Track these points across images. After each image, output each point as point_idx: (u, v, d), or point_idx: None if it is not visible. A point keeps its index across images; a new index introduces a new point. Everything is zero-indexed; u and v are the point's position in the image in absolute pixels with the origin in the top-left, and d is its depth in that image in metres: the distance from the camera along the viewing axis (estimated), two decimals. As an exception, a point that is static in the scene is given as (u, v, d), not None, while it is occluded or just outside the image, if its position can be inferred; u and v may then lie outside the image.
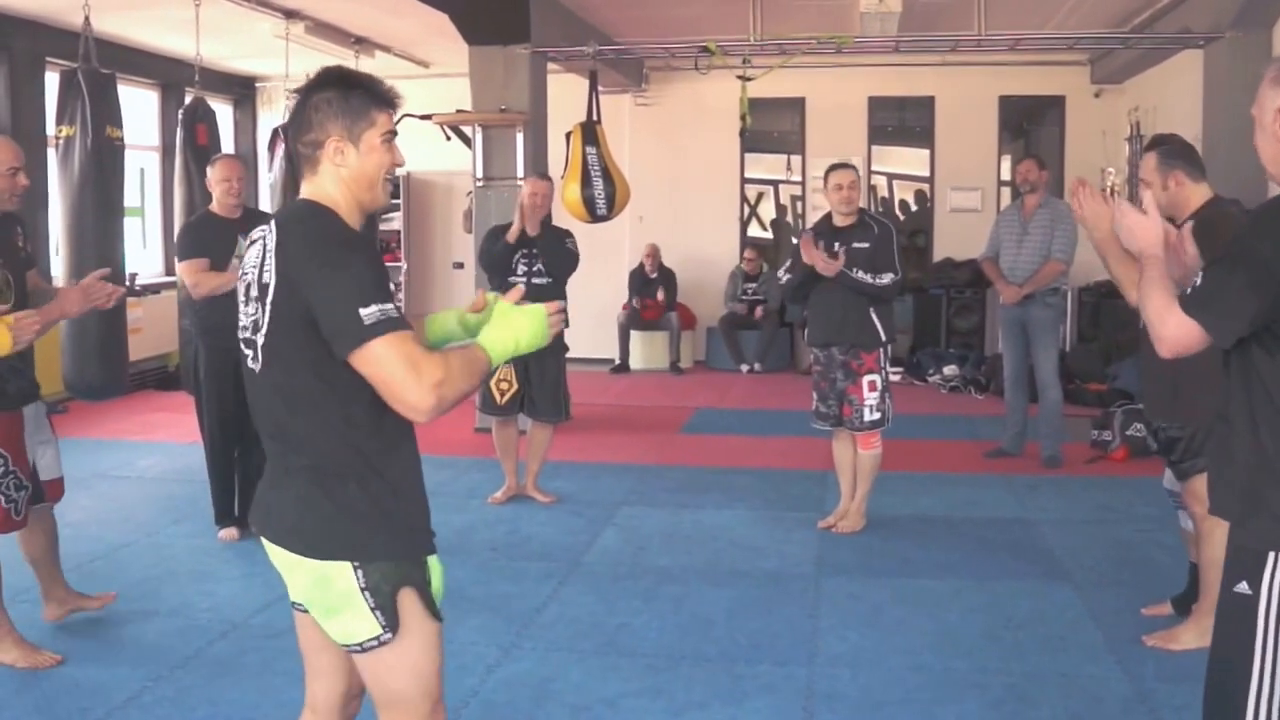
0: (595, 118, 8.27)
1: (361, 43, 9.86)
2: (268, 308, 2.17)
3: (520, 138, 8.08)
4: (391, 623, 2.22)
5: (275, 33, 8.75)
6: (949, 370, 10.25)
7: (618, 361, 11.45)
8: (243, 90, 12.14)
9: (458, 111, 8.29)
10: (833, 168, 5.72)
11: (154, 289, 9.72)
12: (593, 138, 8.10)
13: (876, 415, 5.49)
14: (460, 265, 11.90)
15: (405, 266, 11.83)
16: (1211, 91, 7.59)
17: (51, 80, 8.18)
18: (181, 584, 4.87)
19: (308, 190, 2.26)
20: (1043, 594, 4.69)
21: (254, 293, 2.21)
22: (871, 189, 12.07)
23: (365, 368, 2.09)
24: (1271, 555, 2.21)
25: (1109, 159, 10.51)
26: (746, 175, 12.13)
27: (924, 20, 8.78)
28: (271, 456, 2.32)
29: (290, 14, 8.63)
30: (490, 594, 4.78)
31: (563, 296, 5.92)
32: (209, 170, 5.54)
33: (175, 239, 5.55)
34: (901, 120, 12.18)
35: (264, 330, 2.19)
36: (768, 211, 12.56)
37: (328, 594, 2.23)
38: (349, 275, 2.10)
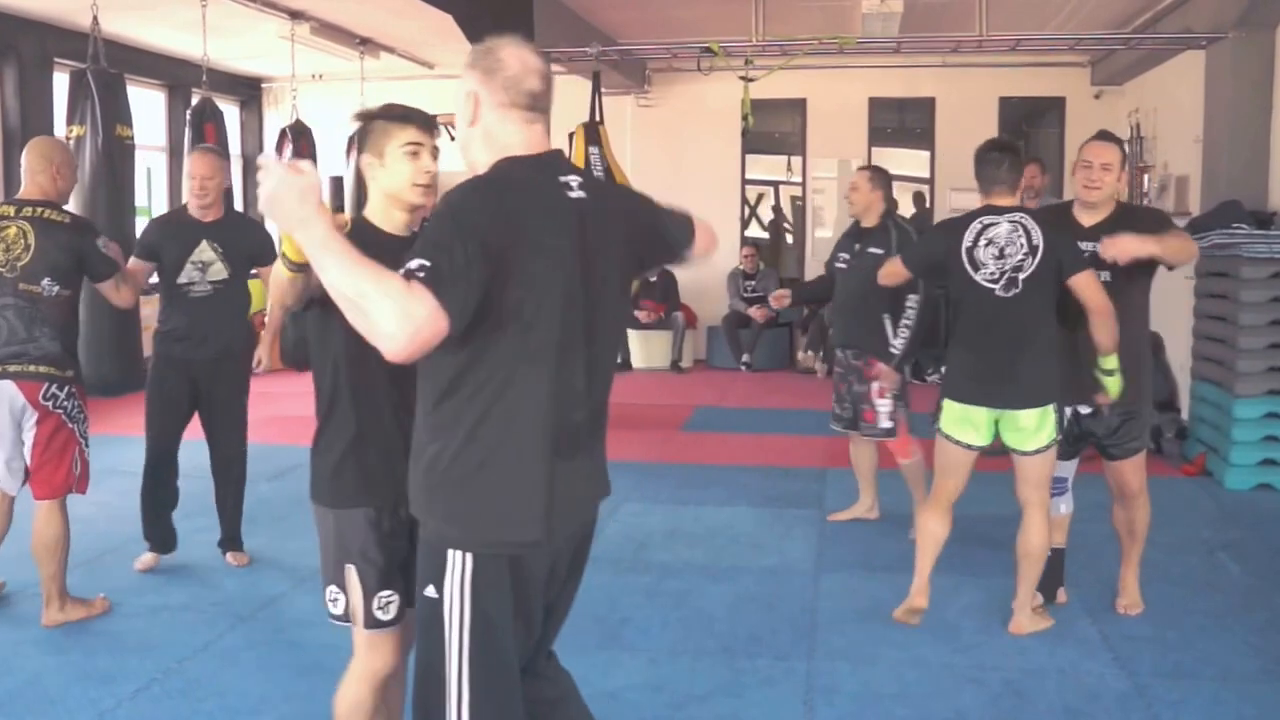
0: (598, 118, 8.33)
1: (366, 43, 9.91)
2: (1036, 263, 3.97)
3: (523, 137, 8.12)
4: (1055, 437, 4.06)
5: (281, 33, 8.81)
6: (949, 370, 10.33)
7: (619, 360, 11.50)
8: (249, 91, 12.22)
9: (461, 112, 8.33)
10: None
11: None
12: (595, 138, 8.16)
13: (889, 424, 5.44)
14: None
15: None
16: (1213, 92, 7.61)
17: (60, 81, 8.24)
18: (190, 578, 4.92)
19: None
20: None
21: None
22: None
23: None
24: (451, 554, 2.17)
25: (1109, 160, 10.53)
26: (747, 176, 12.19)
27: (925, 21, 8.83)
28: None
29: (296, 15, 8.67)
30: (494, 589, 4.83)
31: None
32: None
33: None
34: (902, 121, 12.24)
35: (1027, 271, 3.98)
36: (768, 212, 12.64)
37: (1040, 423, 4.06)
38: None
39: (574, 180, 2.23)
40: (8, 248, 4.17)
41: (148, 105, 10.45)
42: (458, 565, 2.17)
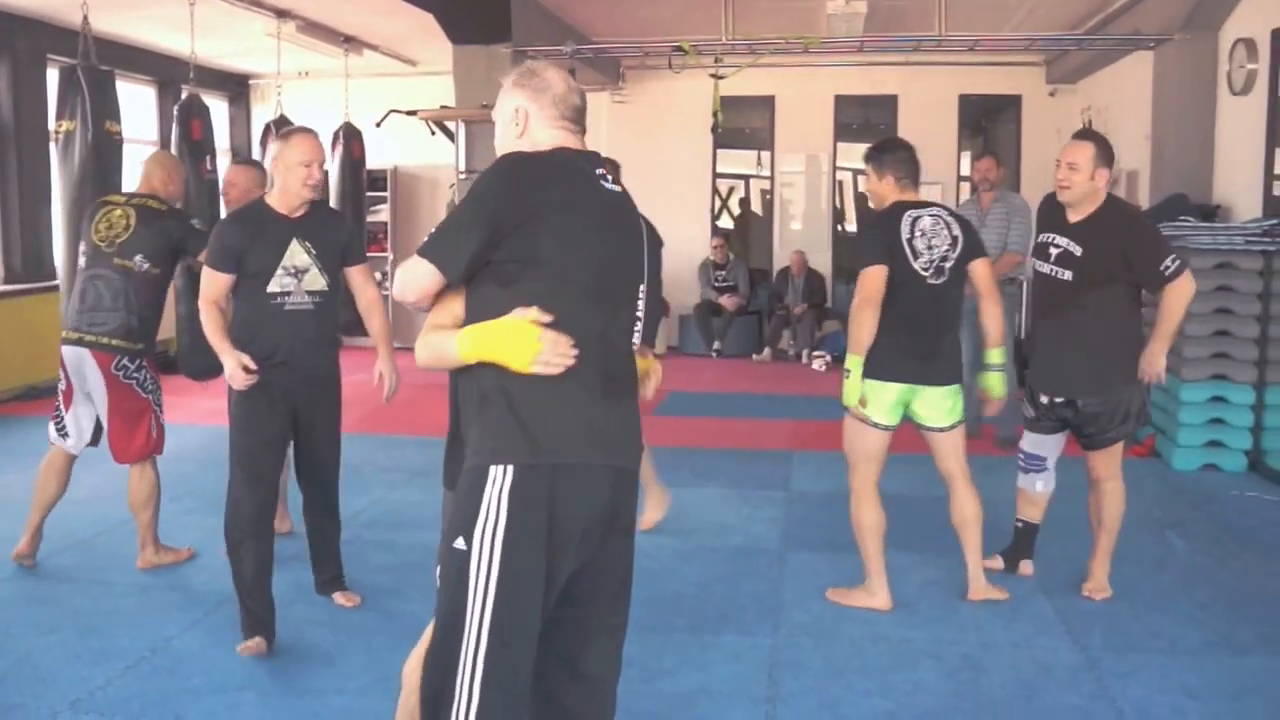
0: (573, 114, 8.46)
1: (351, 41, 10.04)
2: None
3: (501, 133, 8.26)
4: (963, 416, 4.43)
5: (267, 31, 8.91)
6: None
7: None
8: (237, 87, 12.34)
9: (442, 108, 8.48)
10: None
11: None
12: (571, 134, 8.30)
13: None
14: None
15: (391, 257, 11.96)
16: (1160, 91, 7.81)
17: (53, 77, 8.37)
18: (177, 558, 4.96)
19: None
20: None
21: None
22: (837, 184, 12.33)
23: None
24: (494, 470, 2.26)
25: (1063, 156, 10.79)
26: (718, 170, 12.37)
27: (888, 21, 8.99)
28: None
29: (282, 13, 8.79)
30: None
31: None
32: (277, 148, 4.08)
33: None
34: (866, 118, 12.43)
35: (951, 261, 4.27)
36: (738, 205, 12.83)
37: (954, 401, 4.37)
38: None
39: (608, 176, 2.47)
40: (110, 226, 4.69)
41: (139, 101, 10.57)
42: (498, 481, 2.26)
